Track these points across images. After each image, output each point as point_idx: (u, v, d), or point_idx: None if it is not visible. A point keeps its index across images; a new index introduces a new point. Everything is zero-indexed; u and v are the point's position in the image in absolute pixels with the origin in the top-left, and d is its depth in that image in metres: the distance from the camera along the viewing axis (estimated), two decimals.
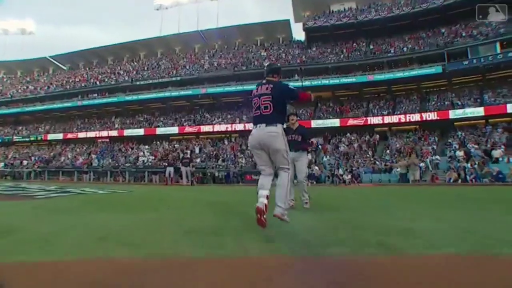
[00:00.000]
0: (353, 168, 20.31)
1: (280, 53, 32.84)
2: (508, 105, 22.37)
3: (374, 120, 26.25)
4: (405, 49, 28.06)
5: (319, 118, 27.92)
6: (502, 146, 19.13)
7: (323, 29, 31.87)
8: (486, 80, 26.09)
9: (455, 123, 24.20)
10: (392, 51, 28.42)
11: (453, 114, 23.96)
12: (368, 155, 23.03)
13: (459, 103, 24.99)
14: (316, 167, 21.06)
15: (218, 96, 31.57)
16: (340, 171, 19.94)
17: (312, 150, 17.41)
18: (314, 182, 18.19)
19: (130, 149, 31.04)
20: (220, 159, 24.74)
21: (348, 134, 25.93)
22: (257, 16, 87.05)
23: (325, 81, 28.21)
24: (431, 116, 24.75)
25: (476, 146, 20.09)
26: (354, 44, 30.91)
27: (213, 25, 41.74)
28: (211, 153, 26.94)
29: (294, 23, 36.60)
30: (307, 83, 28.13)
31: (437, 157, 20.56)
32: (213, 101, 32.86)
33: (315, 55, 30.59)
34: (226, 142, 28.79)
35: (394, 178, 17.83)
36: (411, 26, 29.40)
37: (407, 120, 25.42)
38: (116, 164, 27.07)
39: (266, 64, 3.49)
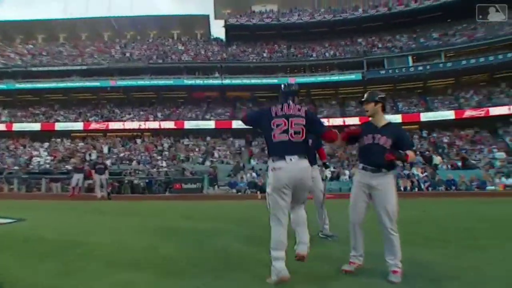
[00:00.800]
0: None
1: (199, 48, 33.83)
2: (422, 114, 26.54)
3: None
4: (327, 54, 31.10)
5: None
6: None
7: (244, 27, 33.83)
8: (397, 89, 30.17)
9: None
10: (314, 55, 31.27)
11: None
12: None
13: None
14: None
15: (130, 90, 31.00)
16: None
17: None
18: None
19: (21, 148, 29.55)
20: (135, 162, 23.56)
21: None
22: (175, 9, 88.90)
23: (247, 81, 29.66)
24: (354, 121, 26.88)
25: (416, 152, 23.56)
26: (275, 45, 33.28)
27: (126, 13, 42.73)
28: (123, 154, 25.50)
29: (213, 20, 38.32)
30: (227, 81, 29.31)
31: None
32: (123, 95, 32.04)
33: (236, 54, 32.04)
34: (138, 142, 27.98)
35: (346, 187, 17.64)
36: (331, 33, 33.07)
37: (331, 124, 26.91)
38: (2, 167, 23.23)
39: (286, 85, 3.13)
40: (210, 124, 28.59)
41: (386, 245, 2.96)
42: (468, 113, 25.10)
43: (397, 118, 26.30)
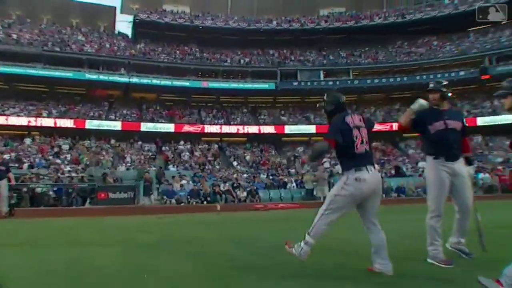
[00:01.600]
0: (239, 182, 20.06)
1: (103, 41, 33.92)
2: None
3: (212, 128, 30.21)
4: (242, 61, 34.33)
5: (151, 121, 29.72)
6: None
7: (155, 25, 35.38)
8: (305, 102, 35.02)
9: (283, 139, 31.78)
10: (229, 61, 34.26)
11: (288, 129, 31.33)
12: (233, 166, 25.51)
13: (291, 119, 32.68)
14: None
15: (15, 79, 29.05)
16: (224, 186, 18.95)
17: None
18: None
19: None
20: (26, 165, 21.37)
21: (182, 142, 28.40)
22: None
23: (156, 81, 30.88)
24: (269, 129, 31.22)
25: None
26: (186, 48, 35.29)
27: None
28: (7, 155, 23.50)
29: (119, 14, 39.39)
30: (135, 79, 30.15)
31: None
32: (5, 85, 29.83)
33: (146, 52, 33.10)
34: (27, 141, 26.01)
35: (298, 195, 19.37)
36: (244, 42, 36.38)
37: (245, 132, 30.63)
38: None
39: (341, 97, 3.49)
40: (116, 125, 28.58)
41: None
42: (376, 127, 31.68)
43: (311, 129, 31.07)
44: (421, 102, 3.55)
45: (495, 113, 29.05)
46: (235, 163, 25.70)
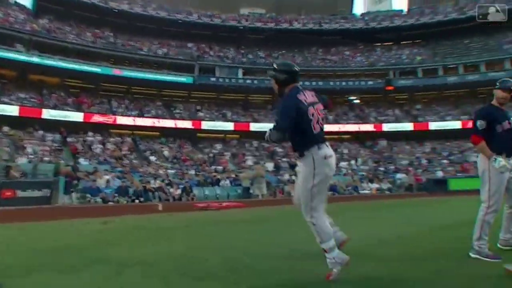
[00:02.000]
0: (170, 179, 19.62)
1: None
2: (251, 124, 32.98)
3: (124, 120, 29.50)
4: (159, 51, 34.28)
5: (55, 107, 27.99)
6: None
7: (60, 1, 33.68)
8: (220, 98, 36.65)
9: (199, 134, 32.49)
10: (145, 50, 33.87)
11: (205, 125, 32.08)
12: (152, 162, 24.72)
13: (207, 116, 33.45)
14: None
15: None
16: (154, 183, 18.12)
17: None
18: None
19: None
20: None
21: (91, 133, 27.30)
22: None
23: (62, 63, 29.11)
24: (186, 124, 31.60)
25: (284, 159, 27.01)
26: (98, 31, 34.03)
27: None
28: None
29: None
30: (36, 59, 27.98)
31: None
32: None
33: (51, 29, 31.04)
34: None
35: (234, 193, 19.08)
36: (161, 31, 36.67)
37: (160, 125, 30.61)
38: None
39: (294, 66, 3.38)
40: (11, 111, 26.13)
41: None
42: None
43: (229, 126, 32.69)
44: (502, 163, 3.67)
45: (397, 120, 34.24)
46: (152, 158, 25.65)
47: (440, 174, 24.83)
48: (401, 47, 40.62)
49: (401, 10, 43.24)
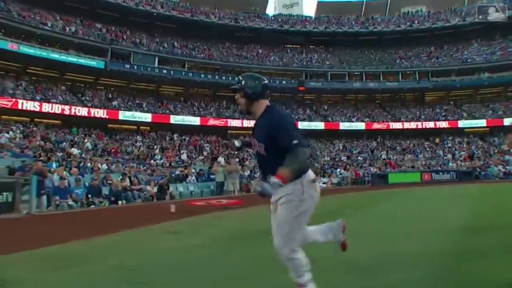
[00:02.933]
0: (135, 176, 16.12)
1: None
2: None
3: (28, 105, 25.45)
4: (67, 29, 30.51)
5: None
6: None
7: None
8: (130, 87, 34.31)
9: (110, 125, 29.80)
10: (49, 25, 29.74)
11: (122, 115, 29.66)
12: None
13: (122, 105, 31.02)
14: None
15: None
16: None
17: None
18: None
19: None
20: None
21: None
22: None
23: None
24: (100, 113, 28.71)
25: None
26: None
27: None
28: None
29: None
30: None
31: None
32: None
33: None
34: None
35: (207, 189, 17.45)
36: (64, 6, 32.56)
37: (72, 114, 27.21)
38: None
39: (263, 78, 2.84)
40: None
41: None
42: (212, 121, 33.41)
43: (147, 117, 31.03)
44: None
45: (310, 119, 36.21)
46: (75, 151, 21.77)
47: (372, 169, 26.64)
48: (309, 51, 42.90)
49: (311, 17, 45.67)
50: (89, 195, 12.47)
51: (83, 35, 31.39)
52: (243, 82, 2.74)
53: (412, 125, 35.54)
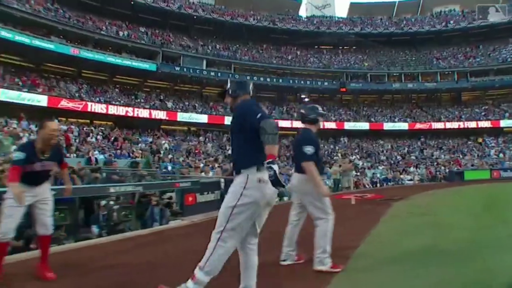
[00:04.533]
0: None
1: None
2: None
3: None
4: (121, 33, 31.40)
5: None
6: None
7: None
8: (174, 89, 34.98)
9: (163, 126, 30.38)
10: (105, 30, 30.65)
11: (180, 116, 30.39)
12: None
13: (178, 107, 31.69)
14: None
15: None
16: None
17: None
18: None
19: None
20: None
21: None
22: None
23: (6, 34, 24.29)
24: (160, 114, 29.51)
25: None
26: (45, 1, 29.32)
27: None
28: None
29: None
30: None
31: None
32: None
33: None
34: None
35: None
36: (109, 12, 33.36)
37: (126, 114, 27.75)
38: None
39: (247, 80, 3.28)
40: None
41: None
42: None
43: (203, 118, 31.78)
44: None
45: (355, 120, 36.79)
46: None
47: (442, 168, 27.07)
48: (344, 52, 43.46)
49: (343, 18, 46.23)
50: None
51: (134, 38, 31.78)
52: (230, 85, 3.14)
53: (454, 125, 35.85)
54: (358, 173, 22.14)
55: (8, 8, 25.10)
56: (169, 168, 15.78)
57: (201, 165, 16.90)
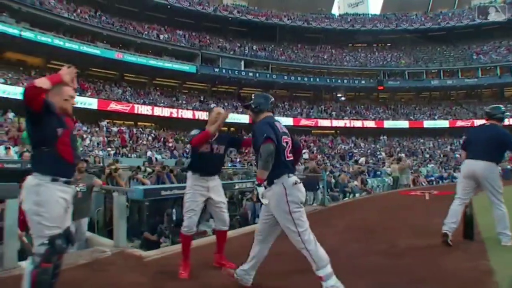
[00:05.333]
0: None
1: None
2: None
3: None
4: (161, 36, 32.27)
5: None
6: None
7: None
8: (212, 90, 35.84)
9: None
10: (146, 34, 31.71)
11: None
12: None
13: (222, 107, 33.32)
14: None
15: None
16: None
17: None
18: None
19: None
20: None
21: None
22: None
23: (58, 41, 25.83)
24: (204, 115, 28.48)
25: None
26: (89, 9, 30.47)
27: None
28: None
29: None
30: (28, 34, 24.21)
31: None
32: None
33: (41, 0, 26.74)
34: None
35: (385, 183, 16.95)
36: (148, 16, 33.95)
37: (170, 115, 28.87)
38: None
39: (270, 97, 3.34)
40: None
41: None
42: (304, 122, 34.56)
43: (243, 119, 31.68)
44: None
45: (394, 118, 36.39)
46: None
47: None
48: (379, 49, 42.99)
49: (377, 14, 45.75)
50: None
51: (174, 41, 32.44)
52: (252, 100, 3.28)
53: None
54: (412, 171, 21.83)
55: (59, 17, 26.10)
56: (237, 165, 16.24)
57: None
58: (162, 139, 23.32)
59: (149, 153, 17.32)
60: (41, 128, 2.47)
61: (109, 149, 17.61)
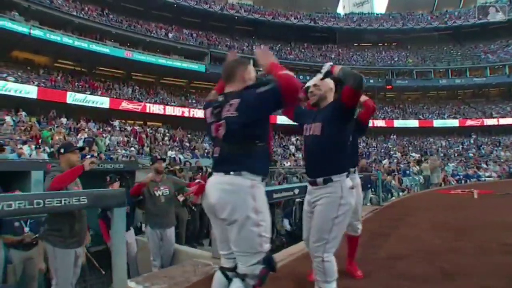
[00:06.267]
0: None
1: None
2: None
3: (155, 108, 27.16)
4: (170, 35, 32.06)
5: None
6: None
7: None
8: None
9: None
10: (155, 33, 31.38)
11: None
12: None
13: None
14: None
15: None
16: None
17: None
18: None
19: None
20: None
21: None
22: None
23: (68, 40, 25.32)
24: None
25: None
26: (92, 7, 29.88)
27: None
28: None
29: None
30: (37, 32, 23.79)
31: None
32: None
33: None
34: None
35: (416, 182, 16.34)
36: (155, 15, 33.92)
37: (182, 115, 28.43)
38: None
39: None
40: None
41: None
42: None
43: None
44: None
45: (403, 117, 36.33)
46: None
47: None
48: (385, 49, 42.97)
49: (382, 14, 45.71)
50: None
51: (182, 40, 32.17)
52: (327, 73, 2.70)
53: (509, 120, 34.74)
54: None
55: (67, 15, 25.74)
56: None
57: None
58: (177, 138, 22.98)
59: (169, 153, 16.98)
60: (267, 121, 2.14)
61: (132, 149, 17.26)
